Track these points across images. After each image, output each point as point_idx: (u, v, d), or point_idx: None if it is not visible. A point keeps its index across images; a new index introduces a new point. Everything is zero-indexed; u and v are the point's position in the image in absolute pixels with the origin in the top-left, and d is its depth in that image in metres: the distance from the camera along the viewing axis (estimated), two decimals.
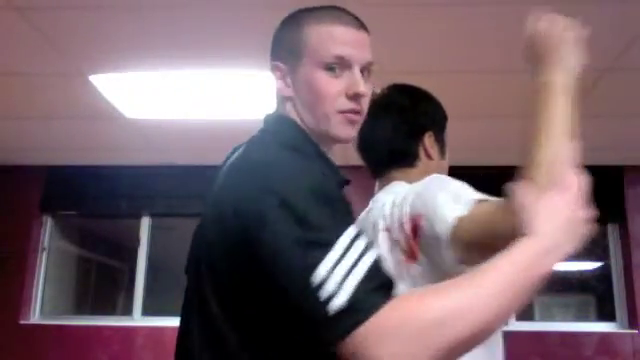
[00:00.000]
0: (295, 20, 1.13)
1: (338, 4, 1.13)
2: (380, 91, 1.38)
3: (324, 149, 1.12)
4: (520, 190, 0.93)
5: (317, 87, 1.07)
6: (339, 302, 0.81)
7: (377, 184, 1.37)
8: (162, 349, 4.11)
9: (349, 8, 1.12)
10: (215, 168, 1.14)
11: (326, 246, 0.84)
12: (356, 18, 1.12)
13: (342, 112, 1.07)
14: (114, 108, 3.40)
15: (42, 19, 2.51)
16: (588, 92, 3.06)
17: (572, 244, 0.90)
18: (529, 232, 0.88)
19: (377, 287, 0.83)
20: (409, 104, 1.36)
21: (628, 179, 4.34)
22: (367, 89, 1.09)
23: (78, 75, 3.01)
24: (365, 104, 1.10)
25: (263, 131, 1.11)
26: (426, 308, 0.81)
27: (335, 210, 0.90)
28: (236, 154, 1.10)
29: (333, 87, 1.07)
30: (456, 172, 1.43)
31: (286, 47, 1.12)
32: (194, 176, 4.29)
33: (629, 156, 4.18)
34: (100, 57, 2.84)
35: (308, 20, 1.10)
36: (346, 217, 0.91)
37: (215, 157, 1.19)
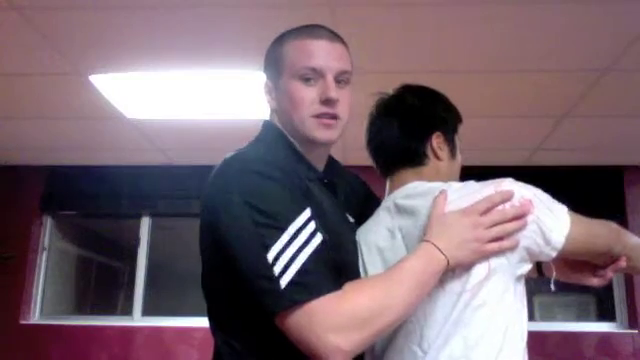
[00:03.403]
0: (278, 40, 1.25)
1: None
2: (391, 91, 1.39)
3: (306, 152, 1.22)
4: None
5: (292, 95, 1.18)
6: (288, 278, 0.97)
7: (388, 183, 1.36)
8: (162, 349, 4.10)
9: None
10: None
11: (279, 229, 1.00)
12: (332, 32, 1.22)
13: (316, 116, 1.18)
14: (114, 108, 3.40)
15: (42, 19, 2.51)
16: (588, 92, 3.06)
17: (463, 254, 1.10)
18: (429, 238, 1.10)
19: (324, 271, 1.00)
20: (417, 104, 1.35)
21: (628, 179, 4.33)
22: (343, 96, 1.19)
23: (78, 75, 3.01)
24: (341, 109, 1.19)
25: (256, 138, 1.25)
26: (367, 299, 1.00)
27: (288, 200, 1.05)
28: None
29: (307, 94, 1.17)
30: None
31: (270, 65, 1.25)
32: (194, 176, 4.28)
33: (629, 156, 4.17)
34: (100, 57, 2.84)
35: (287, 39, 1.22)
36: (299, 205, 1.04)
37: (215, 157, 1.20)
